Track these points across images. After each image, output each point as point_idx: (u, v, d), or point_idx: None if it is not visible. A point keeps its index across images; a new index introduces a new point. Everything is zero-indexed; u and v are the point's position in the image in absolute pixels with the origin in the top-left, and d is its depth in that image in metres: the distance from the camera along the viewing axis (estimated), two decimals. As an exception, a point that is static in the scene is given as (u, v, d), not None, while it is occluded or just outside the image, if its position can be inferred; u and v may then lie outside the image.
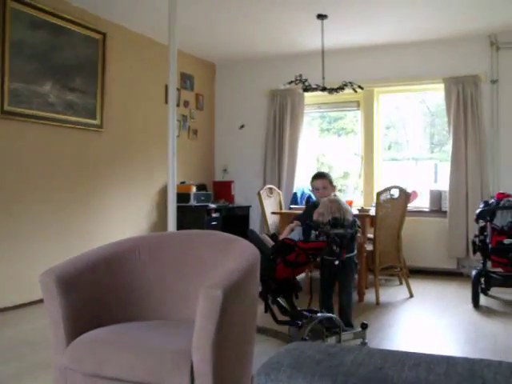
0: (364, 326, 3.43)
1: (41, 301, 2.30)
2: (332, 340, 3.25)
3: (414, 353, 1.44)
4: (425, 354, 1.43)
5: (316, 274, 3.79)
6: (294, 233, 3.45)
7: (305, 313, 3.31)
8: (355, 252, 3.89)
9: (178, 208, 4.30)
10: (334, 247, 3.27)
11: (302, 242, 3.27)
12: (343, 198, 6.80)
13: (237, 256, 2.28)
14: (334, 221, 3.34)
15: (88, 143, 5.49)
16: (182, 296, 2.48)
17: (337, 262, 3.39)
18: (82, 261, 2.38)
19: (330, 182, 4.09)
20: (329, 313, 3.50)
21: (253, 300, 2.24)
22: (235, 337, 2.11)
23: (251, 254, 2.29)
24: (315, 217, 3.45)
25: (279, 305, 3.37)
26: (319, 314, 3.29)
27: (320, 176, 4.16)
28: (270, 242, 3.36)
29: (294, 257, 3.19)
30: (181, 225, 4.40)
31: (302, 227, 3.44)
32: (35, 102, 4.83)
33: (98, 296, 2.36)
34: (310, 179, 4.25)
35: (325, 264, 3.71)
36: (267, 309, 3.34)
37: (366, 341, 3.44)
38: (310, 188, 4.22)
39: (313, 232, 3.34)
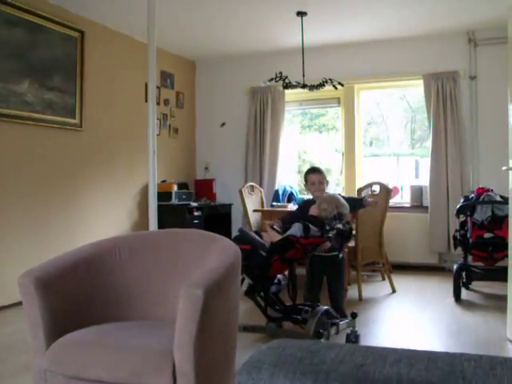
0: (354, 316, 3.50)
1: (20, 303, 2.26)
2: (332, 331, 3.27)
3: (395, 349, 1.44)
4: (406, 350, 1.43)
5: (299, 270, 3.78)
6: (295, 229, 3.42)
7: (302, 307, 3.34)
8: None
9: (160, 207, 4.27)
10: (339, 241, 3.40)
11: (304, 237, 3.28)
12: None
13: (218, 255, 2.27)
14: (339, 216, 3.42)
15: (67, 143, 5.43)
16: (163, 295, 2.47)
17: (341, 255, 3.61)
18: (61, 262, 2.35)
19: (325, 178, 4.09)
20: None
21: (234, 299, 2.23)
22: (217, 336, 2.10)
23: (232, 252, 2.28)
24: (316, 212, 3.51)
25: (269, 301, 3.35)
26: (320, 307, 3.32)
27: (316, 170, 4.14)
28: (261, 240, 3.35)
29: (293, 253, 3.21)
30: (162, 224, 4.37)
31: (303, 223, 3.41)
32: (12, 101, 4.77)
33: (78, 297, 2.34)
34: (303, 174, 4.26)
35: (315, 260, 3.72)
36: (260, 305, 3.34)
37: (356, 329, 3.48)
38: (304, 182, 4.20)
39: (312, 228, 3.34)
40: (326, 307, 3.38)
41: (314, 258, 3.73)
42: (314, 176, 4.06)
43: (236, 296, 2.26)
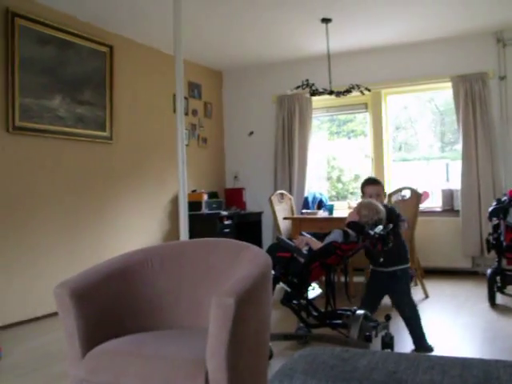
0: (388, 318, 3.47)
1: (56, 313, 2.31)
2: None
3: (428, 355, 1.43)
4: (439, 357, 1.42)
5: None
6: (335, 235, 3.41)
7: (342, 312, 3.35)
8: (404, 265, 3.72)
9: (190, 216, 4.31)
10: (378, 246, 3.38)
11: (344, 243, 3.29)
12: (355, 200, 6.80)
13: (249, 263, 2.28)
14: (379, 221, 3.43)
15: (98, 155, 5.53)
16: (194, 305, 2.49)
17: (381, 260, 3.49)
18: (94, 273, 2.39)
19: (383, 189, 3.91)
20: None
21: (266, 307, 2.24)
22: (250, 344, 2.11)
23: (263, 260, 2.29)
24: (356, 218, 3.47)
25: (308, 309, 3.36)
26: (360, 311, 3.29)
27: (373, 182, 3.94)
28: (298, 247, 3.36)
29: (334, 259, 3.24)
30: (193, 233, 4.41)
31: (342, 229, 3.39)
32: (45, 116, 4.89)
33: (111, 307, 2.38)
34: (360, 185, 4.04)
35: (374, 275, 3.72)
36: (297, 313, 3.35)
37: (390, 331, 3.45)
38: (361, 194, 3.97)
39: (351, 233, 3.34)
40: (364, 311, 3.34)
41: (374, 274, 3.73)
42: (372, 188, 3.86)
43: (268, 304, 2.27)
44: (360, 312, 3.28)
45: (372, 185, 3.89)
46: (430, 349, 3.53)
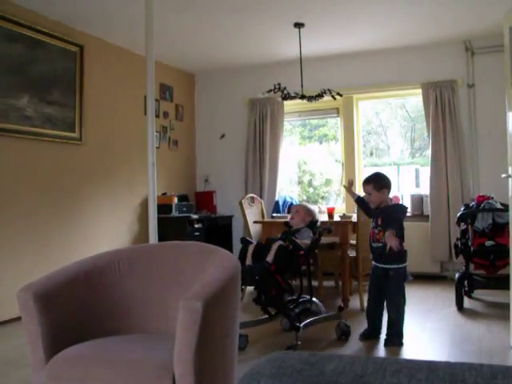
0: (340, 309, 3.91)
1: (19, 318, 2.25)
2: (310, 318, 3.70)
3: (395, 359, 1.43)
4: (406, 360, 1.42)
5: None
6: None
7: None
8: (404, 264, 3.86)
9: (160, 219, 4.27)
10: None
11: None
12: (325, 205, 6.84)
13: (217, 267, 2.26)
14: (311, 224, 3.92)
15: (67, 156, 5.44)
16: (162, 308, 2.46)
17: (392, 269, 3.80)
18: (60, 276, 2.34)
19: (375, 187, 3.81)
20: (377, 323, 3.86)
21: (234, 311, 2.22)
22: (217, 348, 2.09)
23: (231, 264, 2.27)
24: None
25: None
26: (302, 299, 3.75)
27: (363, 182, 3.94)
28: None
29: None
30: (163, 236, 4.35)
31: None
32: (12, 115, 4.78)
33: (77, 311, 2.33)
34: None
35: (373, 270, 3.92)
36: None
37: (346, 321, 3.89)
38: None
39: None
40: (307, 297, 3.79)
41: (372, 268, 3.92)
42: (364, 187, 3.90)
43: (236, 308, 2.25)
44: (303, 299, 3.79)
45: (363, 185, 3.94)
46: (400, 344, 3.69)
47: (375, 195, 3.81)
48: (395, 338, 3.71)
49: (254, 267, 3.60)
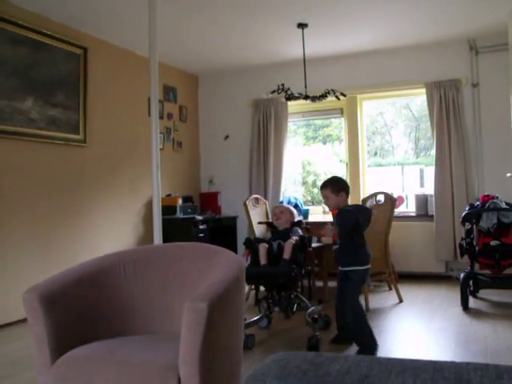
0: (320, 302, 4.26)
1: (26, 319, 2.26)
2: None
3: (401, 359, 1.43)
4: (411, 360, 1.42)
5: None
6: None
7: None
8: (355, 267, 3.67)
9: (165, 221, 4.28)
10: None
11: None
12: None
13: (222, 268, 2.26)
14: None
15: (71, 158, 5.45)
16: (167, 309, 2.46)
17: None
18: (65, 277, 2.35)
19: (332, 191, 3.72)
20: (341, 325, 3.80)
21: (239, 311, 2.22)
22: (222, 349, 2.09)
23: (236, 265, 2.27)
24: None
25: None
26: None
27: (321, 186, 3.85)
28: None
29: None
30: (167, 238, 4.37)
31: None
32: (17, 118, 4.80)
33: (82, 312, 2.33)
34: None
35: (338, 275, 3.87)
36: None
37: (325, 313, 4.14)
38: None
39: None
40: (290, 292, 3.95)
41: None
42: (321, 192, 3.86)
43: (241, 309, 2.25)
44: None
45: (321, 189, 3.87)
46: (372, 349, 3.58)
47: (333, 199, 3.74)
48: (351, 339, 3.71)
49: (278, 269, 3.81)
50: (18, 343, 4.06)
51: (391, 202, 5.22)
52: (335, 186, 3.76)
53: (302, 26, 5.56)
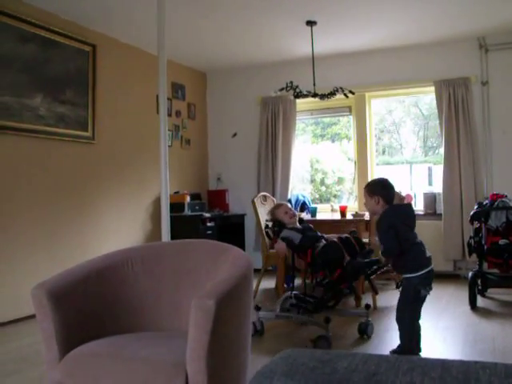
0: (367, 307, 4.05)
1: (34, 316, 2.27)
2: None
3: (409, 357, 1.42)
4: (419, 358, 1.42)
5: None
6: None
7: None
8: (405, 275, 3.49)
9: (172, 218, 4.29)
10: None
11: None
12: (338, 203, 6.82)
13: (230, 265, 2.27)
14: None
15: (80, 155, 5.47)
16: (175, 306, 2.46)
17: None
18: (73, 274, 2.36)
19: (368, 193, 3.48)
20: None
21: (247, 309, 2.22)
22: (230, 346, 2.09)
23: (244, 262, 2.27)
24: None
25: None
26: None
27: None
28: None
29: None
30: (175, 235, 4.37)
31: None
32: (26, 115, 4.82)
33: (90, 309, 2.34)
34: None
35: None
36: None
37: (370, 319, 3.97)
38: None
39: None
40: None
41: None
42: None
43: (248, 306, 2.25)
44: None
45: None
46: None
47: (368, 202, 3.49)
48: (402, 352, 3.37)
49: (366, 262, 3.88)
50: (26, 339, 4.08)
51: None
52: (370, 188, 3.47)
53: (310, 23, 5.55)
